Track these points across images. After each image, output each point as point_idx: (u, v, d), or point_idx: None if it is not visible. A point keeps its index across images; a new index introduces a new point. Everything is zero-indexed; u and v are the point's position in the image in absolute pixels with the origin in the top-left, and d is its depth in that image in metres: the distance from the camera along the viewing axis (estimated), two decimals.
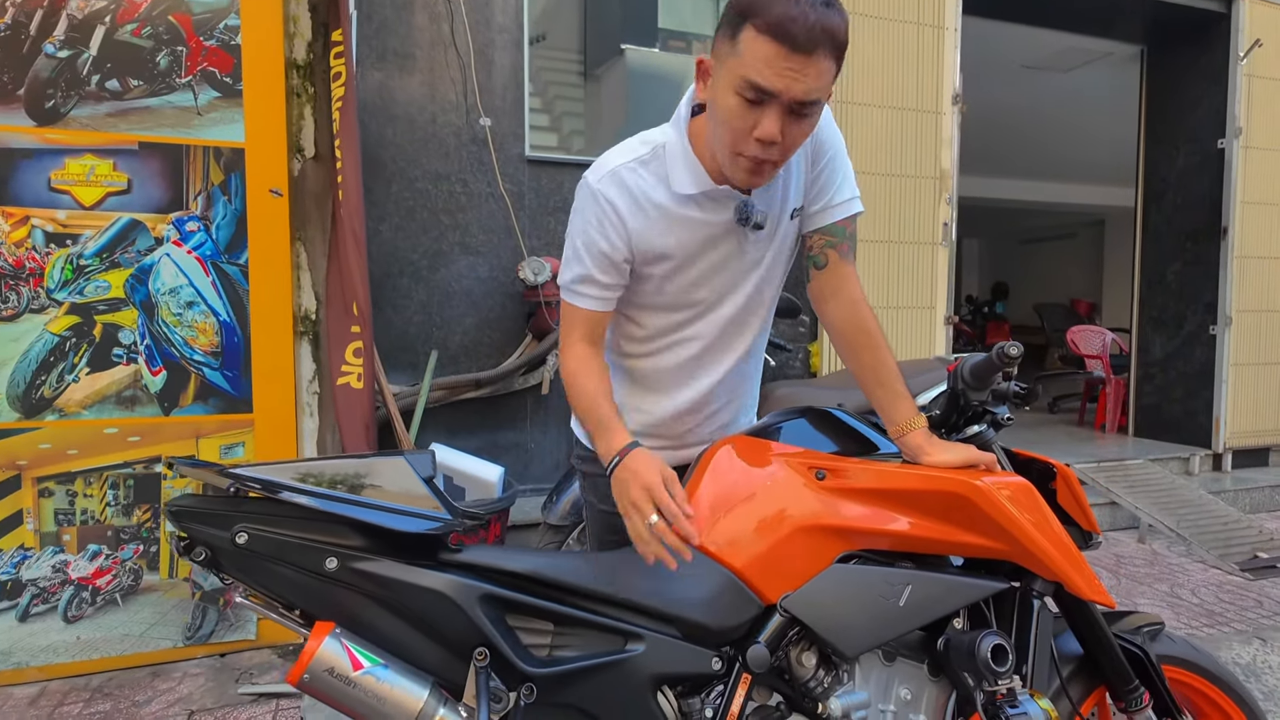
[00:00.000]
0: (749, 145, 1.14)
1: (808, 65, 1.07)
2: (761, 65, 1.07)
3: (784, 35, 1.05)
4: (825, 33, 1.06)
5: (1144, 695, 1.39)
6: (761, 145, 1.13)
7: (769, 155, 1.15)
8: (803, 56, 1.06)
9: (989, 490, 1.22)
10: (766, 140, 1.12)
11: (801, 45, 1.05)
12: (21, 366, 2.23)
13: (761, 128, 1.11)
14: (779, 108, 1.10)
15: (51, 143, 2.22)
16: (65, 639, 2.30)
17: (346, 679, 0.97)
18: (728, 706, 1.17)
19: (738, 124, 1.13)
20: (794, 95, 1.08)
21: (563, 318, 1.34)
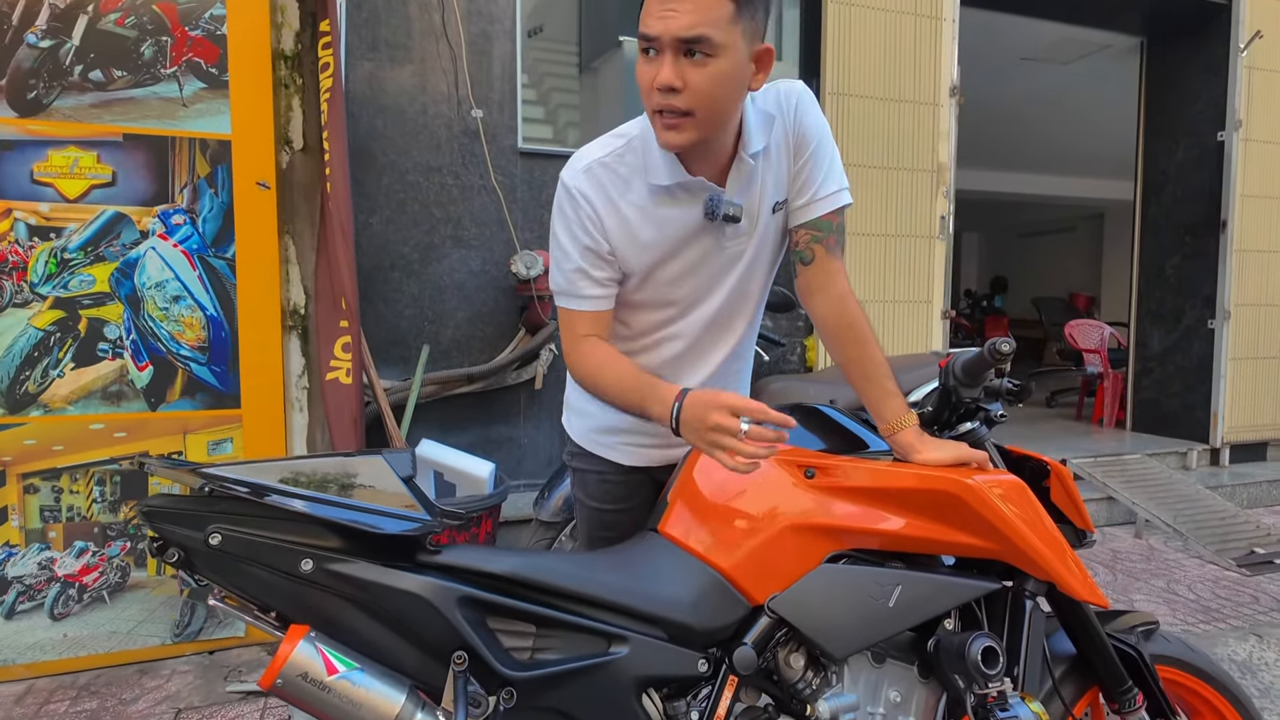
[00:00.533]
0: (654, 98, 1.14)
1: (681, 2, 1.07)
2: (645, 15, 1.11)
3: None
4: None
5: (1137, 696, 1.37)
6: (662, 93, 1.12)
7: (671, 102, 1.13)
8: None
9: (980, 489, 1.19)
10: (663, 87, 1.11)
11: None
12: (5, 361, 2.20)
13: (660, 75, 1.11)
14: (669, 51, 1.10)
15: (34, 134, 2.19)
16: (52, 636, 2.28)
17: (320, 683, 0.95)
18: (714, 709, 1.15)
19: (644, 81, 1.14)
20: (673, 33, 1.09)
21: (565, 326, 1.30)
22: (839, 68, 3.59)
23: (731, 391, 1.14)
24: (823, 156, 1.33)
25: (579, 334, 1.29)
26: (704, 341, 1.38)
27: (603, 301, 1.29)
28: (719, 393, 1.11)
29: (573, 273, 1.27)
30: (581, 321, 1.28)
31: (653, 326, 1.38)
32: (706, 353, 1.39)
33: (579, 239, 1.26)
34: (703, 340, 1.38)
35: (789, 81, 1.33)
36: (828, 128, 1.35)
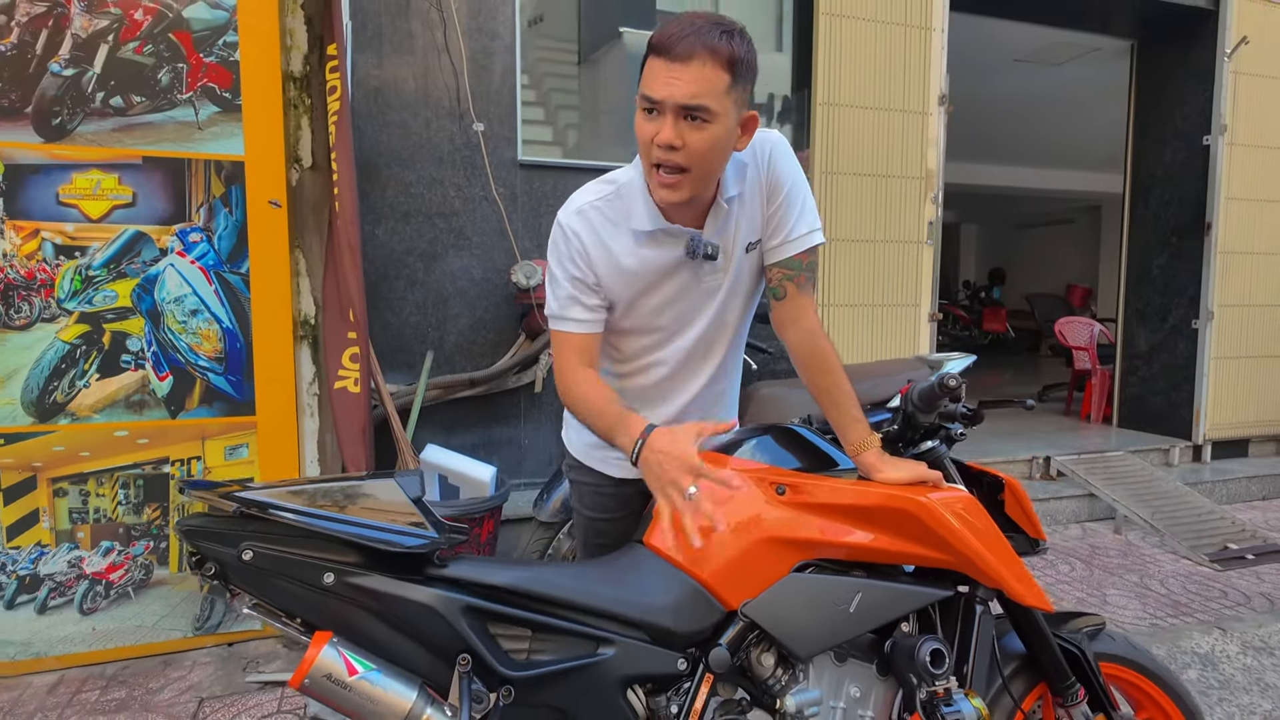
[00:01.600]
0: (654, 153, 1.27)
1: (685, 72, 1.21)
2: (649, 79, 1.24)
3: (663, 49, 1.22)
4: (703, 45, 1.20)
5: (1079, 690, 1.50)
6: (662, 150, 1.25)
7: (670, 159, 1.26)
8: (680, 64, 1.21)
9: (933, 506, 1.32)
10: (664, 145, 1.24)
11: (678, 55, 1.21)
12: (35, 373, 2.33)
13: (660, 134, 1.24)
14: (671, 114, 1.23)
15: (59, 158, 2.31)
16: (81, 630, 2.43)
17: (342, 683, 1.08)
18: (692, 703, 1.29)
19: (643, 136, 1.27)
20: (676, 99, 1.22)
21: (557, 348, 1.43)
22: (829, 78, 3.69)
23: (710, 422, 1.26)
24: (795, 201, 1.45)
25: (568, 355, 1.41)
26: (686, 367, 1.51)
27: (590, 325, 1.42)
28: (686, 445, 1.17)
29: (565, 299, 1.40)
30: (571, 342, 1.41)
31: (639, 352, 1.51)
32: (689, 378, 1.52)
33: (569, 270, 1.39)
34: (685, 366, 1.51)
35: (764, 131, 1.44)
36: (801, 173, 1.47)
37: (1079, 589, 3.23)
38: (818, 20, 3.65)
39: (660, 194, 1.32)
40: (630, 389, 1.53)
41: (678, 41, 1.20)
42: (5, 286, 2.29)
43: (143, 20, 2.35)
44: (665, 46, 1.21)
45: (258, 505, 1.12)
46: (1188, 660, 2.67)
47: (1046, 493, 4.12)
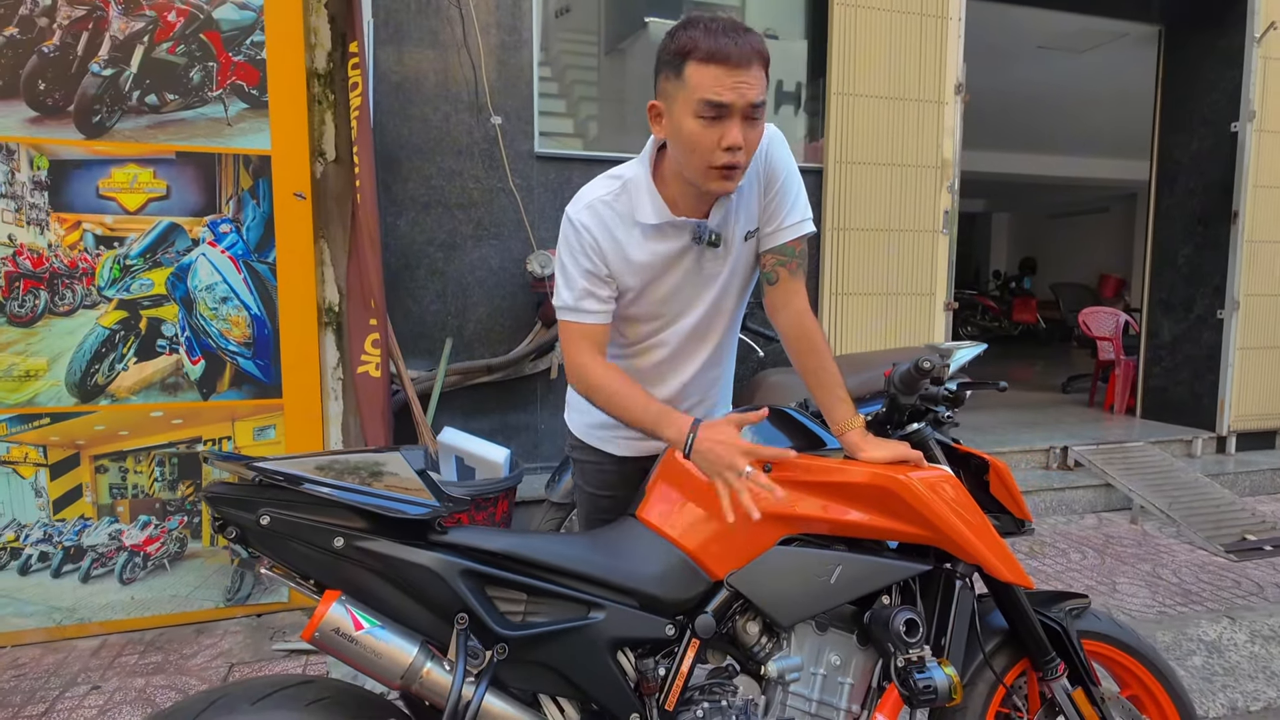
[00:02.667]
0: (719, 156, 1.33)
1: (748, 75, 1.29)
2: (713, 85, 1.28)
3: (723, 58, 1.28)
4: (754, 49, 1.29)
5: (1059, 665, 1.55)
6: (730, 152, 1.32)
7: (737, 159, 1.33)
8: (743, 70, 1.28)
9: (912, 484, 1.38)
10: (735, 146, 1.31)
11: (738, 61, 1.28)
12: (77, 357, 2.48)
13: (728, 137, 1.31)
14: (737, 117, 1.30)
15: (99, 154, 2.45)
16: (121, 598, 2.58)
17: (350, 637, 1.18)
18: (679, 666, 1.36)
19: (705, 142, 1.32)
20: (747, 100, 1.30)
21: (567, 339, 1.49)
22: (844, 68, 3.71)
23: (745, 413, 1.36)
24: (789, 191, 1.52)
25: (581, 343, 1.48)
26: (685, 350, 1.59)
27: (603, 316, 1.48)
28: (733, 433, 1.30)
29: (580, 292, 1.47)
30: (584, 332, 1.47)
31: (643, 335, 1.58)
32: (688, 359, 1.60)
33: (581, 264, 1.46)
34: (684, 348, 1.58)
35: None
36: (794, 164, 1.53)
37: (1088, 577, 3.24)
38: (833, 10, 3.67)
39: (723, 187, 1.38)
40: (631, 370, 1.61)
41: (734, 48, 1.27)
42: (50, 275, 2.43)
43: (175, 21, 2.47)
44: (726, 55, 1.27)
45: (275, 474, 1.22)
46: (1193, 647, 2.68)
47: (1063, 482, 4.11)
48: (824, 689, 1.40)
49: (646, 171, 1.46)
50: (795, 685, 1.39)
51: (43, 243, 2.42)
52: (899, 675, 1.35)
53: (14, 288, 2.41)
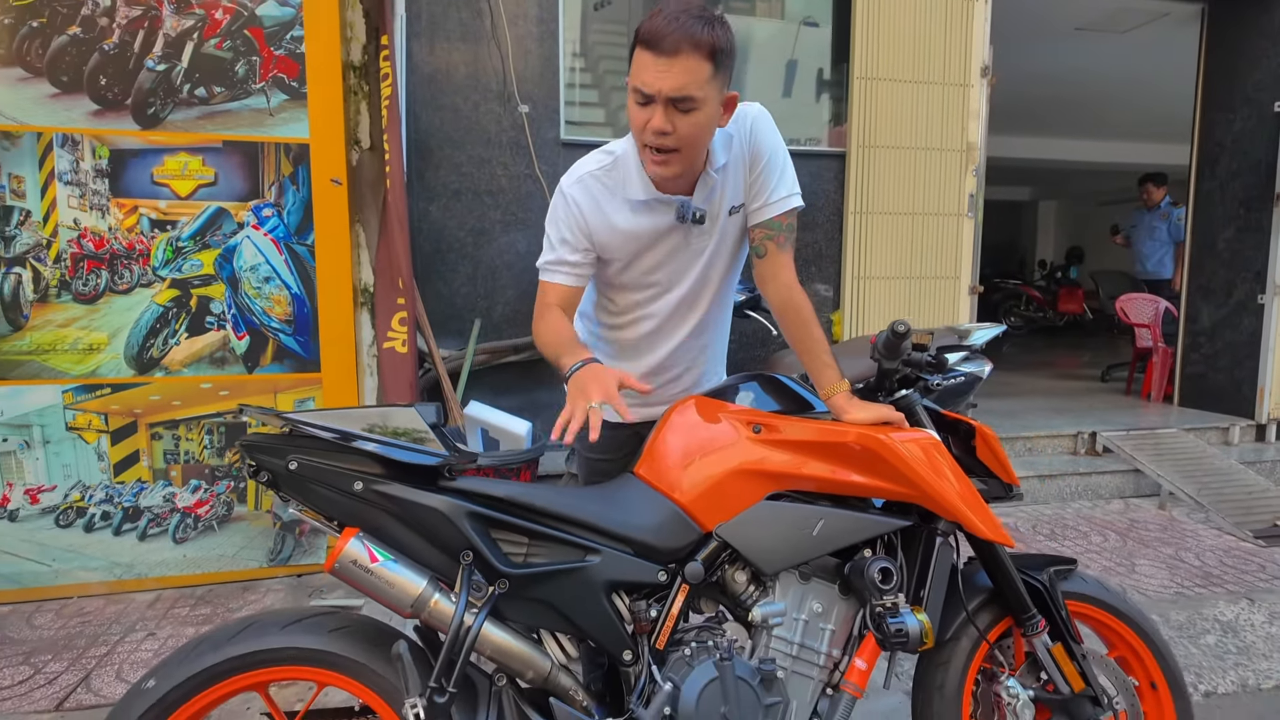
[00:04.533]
0: (647, 137, 1.42)
1: (673, 65, 1.34)
2: (640, 71, 1.37)
3: (652, 43, 1.35)
4: (687, 38, 1.33)
5: (1040, 622, 1.61)
6: (655, 135, 1.40)
7: (664, 143, 1.41)
8: (667, 59, 1.34)
9: (892, 444, 1.46)
10: (657, 131, 1.39)
11: (665, 50, 1.34)
12: (135, 332, 2.68)
13: (653, 123, 1.39)
14: (660, 104, 1.37)
15: (153, 143, 2.64)
16: (174, 556, 2.79)
17: (366, 568, 1.31)
18: (669, 609, 1.47)
19: (637, 123, 1.42)
20: (666, 92, 1.36)
21: (540, 294, 1.61)
22: (868, 52, 3.74)
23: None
24: (774, 168, 1.60)
25: (548, 302, 1.59)
26: (674, 319, 1.68)
27: (572, 279, 1.59)
28: (610, 378, 1.33)
29: (555, 257, 1.58)
30: (552, 291, 1.59)
31: (632, 306, 1.68)
32: (676, 328, 1.69)
33: (561, 233, 1.57)
34: (673, 317, 1.68)
35: (746, 104, 1.59)
36: (780, 142, 1.61)
37: (1108, 559, 3.25)
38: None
39: (654, 170, 1.48)
40: (622, 340, 1.71)
41: (664, 37, 1.33)
42: (111, 256, 2.64)
43: (222, 19, 2.64)
44: (653, 41, 1.34)
45: (303, 425, 1.36)
46: (1207, 626, 2.68)
47: (1090, 468, 4.09)
48: (806, 634, 1.49)
49: (635, 149, 1.55)
50: (779, 630, 1.48)
51: (104, 226, 2.63)
52: (874, 620, 1.44)
53: (79, 268, 2.62)
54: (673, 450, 1.56)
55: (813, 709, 1.48)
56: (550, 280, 1.59)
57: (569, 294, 1.60)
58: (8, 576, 2.65)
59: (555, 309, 1.58)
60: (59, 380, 2.64)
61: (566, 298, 1.60)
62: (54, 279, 2.60)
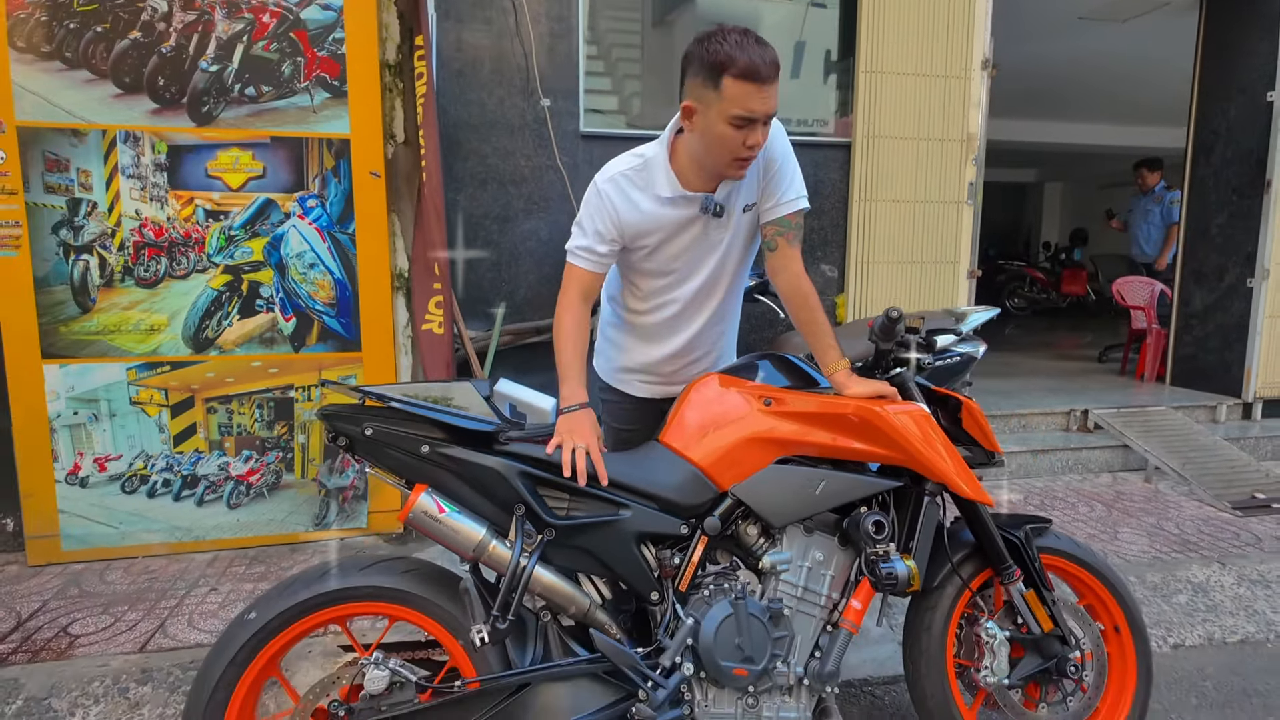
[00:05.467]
0: (743, 152, 1.65)
1: (771, 90, 1.59)
2: (746, 99, 1.58)
3: (755, 76, 1.57)
4: (775, 66, 1.59)
5: (1016, 572, 1.84)
6: (751, 149, 1.64)
7: (754, 154, 1.67)
8: (769, 85, 1.59)
9: (886, 415, 1.68)
10: (757, 145, 1.64)
11: (765, 79, 1.57)
12: (191, 314, 2.91)
13: (752, 139, 1.63)
14: (760, 122, 1.61)
15: (207, 139, 2.85)
16: (229, 520, 3.04)
17: (434, 518, 1.54)
18: (690, 556, 1.70)
19: (734, 143, 1.63)
20: (770, 111, 1.61)
21: (567, 276, 1.83)
22: (873, 46, 3.91)
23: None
24: (785, 172, 1.80)
25: (573, 284, 1.81)
26: (693, 305, 1.89)
27: (596, 267, 1.81)
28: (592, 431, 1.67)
29: (585, 244, 1.80)
30: (577, 276, 1.81)
31: (657, 291, 1.90)
32: (695, 314, 1.90)
33: (595, 224, 1.79)
34: (692, 304, 1.89)
35: None
36: (790, 150, 1.82)
37: (1092, 527, 3.47)
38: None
39: (739, 173, 1.72)
40: (646, 324, 1.93)
41: (763, 67, 1.55)
42: (169, 244, 2.86)
43: (269, 23, 2.83)
44: (758, 74, 1.55)
45: (377, 396, 1.58)
46: (1179, 586, 2.91)
47: (1081, 443, 4.30)
48: (809, 579, 1.72)
49: (664, 152, 1.76)
50: (785, 575, 1.71)
51: (162, 216, 2.84)
52: (868, 566, 1.66)
53: (140, 255, 2.84)
54: (693, 421, 1.78)
55: (815, 643, 1.71)
56: (577, 264, 1.81)
57: (591, 280, 1.82)
58: (80, 538, 2.90)
59: (578, 300, 1.81)
60: (123, 359, 2.87)
61: (589, 284, 1.82)
62: (118, 265, 2.83)
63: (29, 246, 2.74)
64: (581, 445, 1.63)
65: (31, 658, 2.27)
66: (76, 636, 2.39)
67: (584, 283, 1.81)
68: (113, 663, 2.23)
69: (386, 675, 1.52)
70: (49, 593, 2.69)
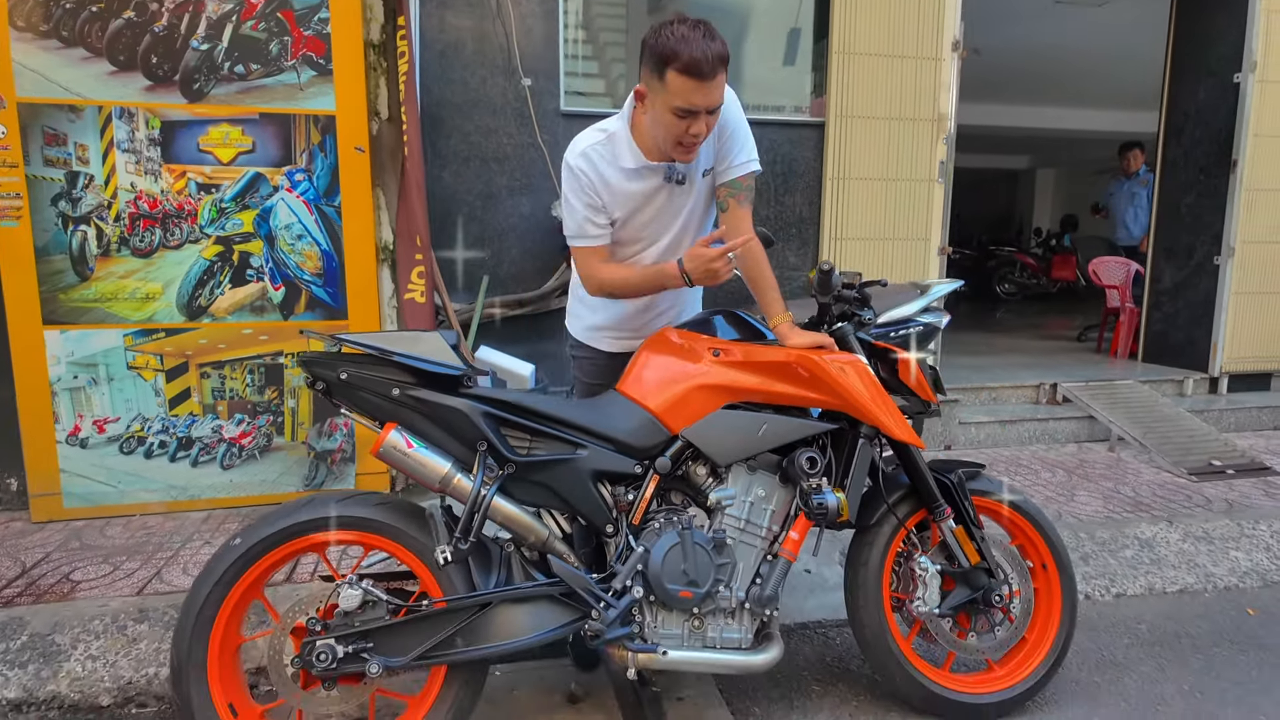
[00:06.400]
0: (687, 139, 1.78)
1: (713, 85, 1.70)
2: (687, 94, 1.70)
3: (697, 72, 1.68)
4: (719, 60, 1.69)
5: (947, 510, 1.98)
6: (695, 138, 1.77)
7: (698, 141, 1.79)
8: (710, 80, 1.69)
9: (821, 361, 1.82)
10: (699, 135, 1.76)
11: (707, 74, 1.69)
12: (185, 283, 3.04)
13: (694, 128, 1.75)
14: (702, 114, 1.73)
15: (199, 115, 2.97)
16: (222, 481, 3.18)
17: (403, 452, 1.68)
18: (643, 493, 1.84)
19: (677, 130, 1.76)
20: (710, 106, 1.72)
21: (580, 260, 1.96)
22: (846, 28, 4.03)
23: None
24: (738, 138, 1.94)
25: (591, 259, 1.94)
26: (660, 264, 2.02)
27: (603, 238, 1.95)
28: (705, 247, 1.77)
29: (583, 221, 1.92)
30: (591, 253, 1.94)
31: (626, 256, 2.04)
32: None
33: (584, 199, 1.91)
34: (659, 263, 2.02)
35: None
36: (742, 116, 1.95)
37: (1051, 490, 3.61)
38: None
39: (686, 157, 1.84)
40: None
41: (705, 64, 1.65)
42: (163, 215, 2.99)
43: (257, 3, 2.96)
44: (699, 70, 1.65)
45: (351, 343, 1.72)
46: (1126, 542, 3.06)
47: (1048, 414, 4.45)
48: (751, 512, 1.87)
49: (625, 126, 1.89)
50: (730, 509, 1.85)
51: (156, 189, 2.97)
52: (802, 498, 1.81)
53: (136, 226, 2.97)
54: (648, 371, 1.92)
55: (756, 570, 1.86)
56: (585, 245, 1.94)
57: (604, 251, 1.95)
58: (81, 496, 3.05)
59: (603, 265, 1.93)
60: (120, 325, 3.01)
61: (603, 254, 1.95)
62: (114, 236, 2.96)
63: (29, 217, 2.88)
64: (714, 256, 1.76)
65: (36, 600, 2.42)
66: (78, 582, 2.54)
67: (599, 255, 1.95)
68: (112, 604, 2.38)
69: (359, 594, 1.67)
70: (52, 545, 2.84)
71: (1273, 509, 3.36)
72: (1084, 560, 2.92)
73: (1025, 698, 2.05)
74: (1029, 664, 2.06)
